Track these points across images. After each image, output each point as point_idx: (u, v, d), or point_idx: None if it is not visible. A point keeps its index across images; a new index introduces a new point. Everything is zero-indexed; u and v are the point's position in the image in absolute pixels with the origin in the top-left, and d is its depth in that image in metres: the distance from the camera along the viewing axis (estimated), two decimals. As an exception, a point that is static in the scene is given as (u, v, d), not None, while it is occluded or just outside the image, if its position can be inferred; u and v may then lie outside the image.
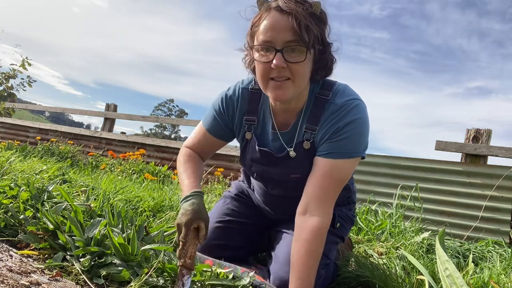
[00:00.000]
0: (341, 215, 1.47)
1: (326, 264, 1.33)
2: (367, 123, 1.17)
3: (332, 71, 1.21)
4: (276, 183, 1.35)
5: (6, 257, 1.18)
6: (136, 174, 3.71)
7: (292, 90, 1.13)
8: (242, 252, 1.50)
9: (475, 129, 3.51)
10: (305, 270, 1.08)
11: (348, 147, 1.15)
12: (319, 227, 1.12)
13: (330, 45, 1.16)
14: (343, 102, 1.17)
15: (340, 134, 1.15)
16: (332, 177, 1.15)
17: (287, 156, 1.25)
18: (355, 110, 1.15)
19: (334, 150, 1.15)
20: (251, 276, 1.20)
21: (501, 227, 3.03)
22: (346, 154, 1.15)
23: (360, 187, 3.60)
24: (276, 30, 1.06)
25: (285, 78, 1.10)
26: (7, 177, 1.92)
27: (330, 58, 1.18)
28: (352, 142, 1.15)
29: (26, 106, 9.17)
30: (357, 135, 1.15)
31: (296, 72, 1.10)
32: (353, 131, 1.14)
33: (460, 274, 0.96)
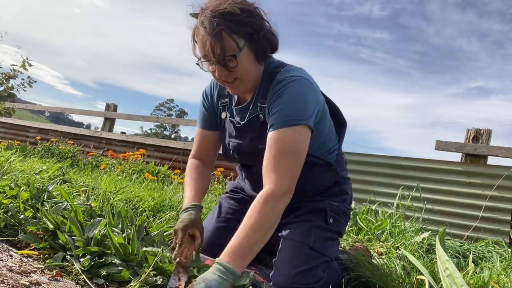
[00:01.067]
0: (333, 209, 1.44)
1: (326, 263, 1.32)
2: (299, 95, 1.25)
3: (276, 46, 1.32)
4: (250, 157, 1.42)
5: (6, 257, 1.18)
6: (136, 174, 3.71)
7: (243, 85, 1.30)
8: None
9: (475, 129, 3.51)
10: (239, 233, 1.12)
11: (286, 116, 1.22)
12: (266, 194, 1.16)
13: (262, 29, 1.25)
14: (283, 78, 1.28)
15: (276, 105, 1.25)
16: (279, 146, 1.21)
17: (248, 126, 1.37)
18: (291, 84, 1.26)
19: (275, 121, 1.24)
20: (251, 276, 1.19)
21: (501, 227, 3.03)
22: (285, 123, 1.22)
23: (360, 187, 3.60)
24: (205, 47, 1.20)
25: (233, 78, 1.26)
26: (7, 177, 1.92)
27: (268, 40, 1.28)
28: (288, 111, 1.23)
29: (26, 106, 9.17)
30: (292, 105, 1.24)
31: (239, 73, 1.25)
32: (287, 101, 1.24)
33: (460, 274, 0.96)
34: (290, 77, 1.27)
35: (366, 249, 1.86)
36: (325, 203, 1.44)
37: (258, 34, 1.24)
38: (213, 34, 1.16)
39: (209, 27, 1.16)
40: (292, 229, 1.37)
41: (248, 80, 1.29)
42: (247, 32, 1.22)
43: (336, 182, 1.49)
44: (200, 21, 1.20)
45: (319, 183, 1.46)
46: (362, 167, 3.68)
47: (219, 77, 1.25)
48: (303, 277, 1.24)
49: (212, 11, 1.17)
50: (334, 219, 1.43)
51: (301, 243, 1.31)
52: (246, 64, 1.25)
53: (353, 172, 3.67)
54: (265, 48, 1.28)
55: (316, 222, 1.38)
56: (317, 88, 1.33)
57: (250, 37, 1.23)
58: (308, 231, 1.34)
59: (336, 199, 1.49)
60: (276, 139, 1.22)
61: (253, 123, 1.36)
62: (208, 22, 1.17)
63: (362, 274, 1.43)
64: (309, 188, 1.44)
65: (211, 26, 1.16)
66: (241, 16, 1.19)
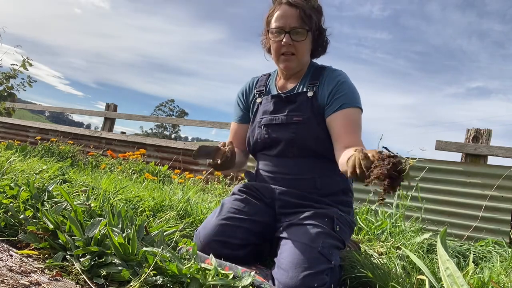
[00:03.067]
0: (340, 218, 1.47)
1: (330, 269, 1.32)
2: (353, 85, 1.56)
3: (326, 50, 1.65)
4: (279, 131, 1.56)
5: (6, 256, 1.18)
6: (136, 174, 3.71)
7: (296, 62, 1.55)
8: (242, 251, 1.49)
9: (475, 129, 3.51)
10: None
11: (353, 98, 1.50)
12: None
13: (325, 30, 1.59)
14: (334, 70, 1.59)
15: (341, 90, 1.50)
16: (353, 120, 1.46)
17: (292, 99, 1.56)
18: (344, 74, 1.56)
19: (343, 102, 1.48)
20: (252, 276, 1.20)
21: (501, 227, 3.02)
22: (352, 103, 1.49)
23: (360, 187, 3.60)
24: (285, 18, 1.49)
25: (291, 53, 1.52)
26: (7, 177, 1.92)
27: (325, 40, 1.61)
28: (351, 95, 1.50)
29: (26, 106, 9.16)
30: (352, 90, 1.52)
31: (299, 49, 1.51)
32: (351, 87, 1.52)
33: (461, 274, 0.96)
34: (340, 71, 1.57)
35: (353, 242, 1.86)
36: (333, 210, 1.47)
37: (320, 31, 1.56)
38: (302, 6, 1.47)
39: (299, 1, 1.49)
40: (300, 231, 1.38)
41: (301, 60, 1.55)
42: (317, 23, 1.53)
43: (343, 191, 1.59)
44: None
45: (330, 180, 1.53)
46: (362, 167, 3.67)
47: (285, 44, 1.49)
48: (311, 280, 1.24)
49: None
50: (340, 228, 1.45)
51: (310, 246, 1.31)
52: (306, 45, 1.52)
53: (353, 172, 3.66)
54: (322, 45, 1.60)
55: (324, 228, 1.39)
56: None
57: (315, 30, 1.53)
58: (317, 235, 1.35)
59: (343, 208, 1.55)
60: (350, 114, 1.47)
61: (298, 96, 1.55)
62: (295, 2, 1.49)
63: (363, 274, 1.43)
64: (320, 182, 1.52)
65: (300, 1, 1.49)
66: (319, 9, 1.55)
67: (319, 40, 1.57)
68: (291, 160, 1.54)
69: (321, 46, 1.61)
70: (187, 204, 2.10)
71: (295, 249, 1.32)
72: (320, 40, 1.58)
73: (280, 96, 1.59)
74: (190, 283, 1.12)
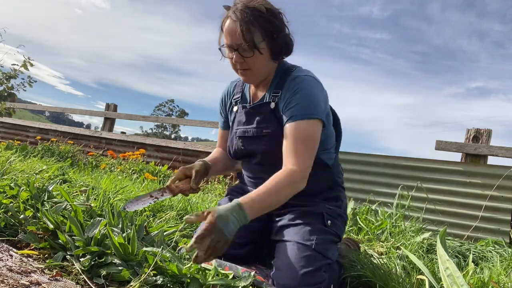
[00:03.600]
0: (329, 212, 1.46)
1: (328, 265, 1.32)
2: (314, 92, 1.42)
3: (291, 49, 1.49)
4: (253, 143, 1.53)
5: (6, 256, 1.18)
6: (136, 174, 3.71)
7: (254, 75, 1.46)
8: (242, 250, 1.49)
9: (475, 129, 3.51)
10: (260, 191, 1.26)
11: (304, 109, 1.38)
12: (287, 170, 1.32)
13: (282, 33, 1.42)
14: (297, 75, 1.45)
15: (295, 99, 1.40)
16: (299, 136, 1.36)
17: (257, 110, 1.51)
18: (304, 81, 1.42)
19: (294, 114, 1.38)
20: (252, 276, 1.20)
21: (501, 227, 3.02)
22: (304, 115, 1.37)
23: (360, 187, 3.60)
24: (230, 35, 1.39)
25: (246, 68, 1.43)
26: (7, 177, 1.92)
27: (285, 41, 1.44)
28: (306, 105, 1.39)
29: (26, 106, 9.16)
30: (309, 100, 1.40)
31: (252, 64, 1.41)
32: (305, 96, 1.39)
33: (461, 274, 0.96)
34: (305, 76, 1.43)
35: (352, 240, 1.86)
36: (321, 206, 1.47)
37: (278, 34, 1.40)
38: (242, 21, 1.34)
39: (239, 16, 1.35)
40: (293, 232, 1.38)
41: (258, 73, 1.45)
42: (268, 29, 1.38)
43: (330, 187, 1.56)
44: (231, 10, 1.38)
45: (315, 182, 1.47)
46: (362, 167, 3.68)
47: (235, 63, 1.41)
48: (308, 279, 1.24)
49: (243, 5, 1.36)
50: (332, 222, 1.45)
51: (304, 245, 1.31)
52: (260, 57, 1.40)
53: (353, 172, 3.67)
54: (281, 48, 1.44)
55: (315, 225, 1.39)
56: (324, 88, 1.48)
57: (269, 35, 1.39)
58: (309, 233, 1.35)
59: (331, 203, 1.52)
60: (298, 128, 1.36)
61: (262, 108, 1.49)
62: (239, 12, 1.35)
63: (363, 273, 1.43)
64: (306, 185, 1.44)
65: (241, 15, 1.35)
66: (266, 14, 1.37)
67: (276, 44, 1.42)
68: (271, 167, 1.43)
69: (281, 50, 1.45)
70: (187, 204, 2.10)
71: (289, 249, 1.32)
72: (278, 45, 1.42)
73: (248, 107, 1.54)
74: (190, 283, 1.12)
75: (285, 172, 1.31)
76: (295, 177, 1.31)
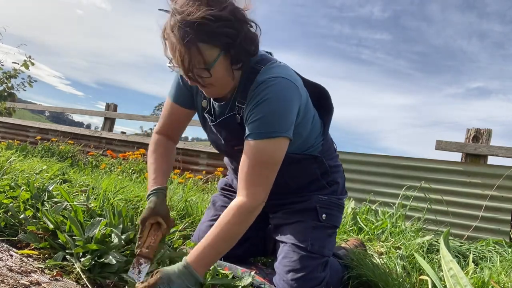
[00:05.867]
0: (323, 205, 1.39)
1: (323, 265, 1.31)
2: (282, 101, 1.16)
3: (256, 49, 1.20)
4: (228, 155, 1.40)
5: (6, 256, 1.17)
6: (136, 174, 3.70)
7: (217, 91, 1.22)
8: (239, 250, 1.48)
9: (475, 129, 3.50)
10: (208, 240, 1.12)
11: (266, 127, 1.15)
12: (239, 207, 1.14)
13: (238, 36, 1.11)
14: (262, 79, 1.18)
15: (254, 114, 1.16)
16: (256, 159, 1.15)
17: (222, 126, 1.30)
18: (270, 88, 1.15)
19: (252, 131, 1.16)
20: (252, 276, 1.20)
21: (501, 226, 3.02)
22: (263, 134, 1.15)
23: (360, 187, 3.60)
24: (175, 55, 1.09)
25: (206, 86, 1.17)
26: (7, 177, 1.92)
27: (244, 47, 1.14)
28: (268, 122, 1.15)
29: (26, 105, 9.16)
30: (272, 115, 1.15)
31: (211, 81, 1.15)
32: (266, 111, 1.15)
33: (464, 274, 0.96)
34: (270, 79, 1.17)
35: (362, 243, 1.86)
36: (313, 200, 1.39)
37: (234, 42, 1.11)
38: (183, 44, 1.05)
39: (179, 35, 1.05)
40: (288, 232, 1.36)
41: (222, 86, 1.21)
42: (221, 41, 1.10)
43: (323, 173, 1.42)
44: (170, 25, 1.07)
45: (304, 176, 1.41)
46: (362, 167, 3.68)
47: (191, 84, 1.18)
48: (305, 282, 1.24)
49: (182, 19, 1.04)
50: (327, 214, 1.38)
51: (298, 247, 1.30)
52: (220, 73, 1.15)
53: (353, 172, 3.66)
54: (241, 56, 1.16)
55: (310, 222, 1.36)
56: (300, 86, 1.24)
57: (225, 46, 1.11)
58: (304, 233, 1.33)
59: (325, 191, 1.42)
60: (255, 150, 1.15)
61: (228, 123, 1.28)
62: (178, 30, 1.05)
63: (363, 273, 1.43)
64: (292, 181, 1.39)
65: (181, 35, 1.04)
66: (214, 25, 1.06)
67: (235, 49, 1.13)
68: None
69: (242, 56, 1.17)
70: (187, 204, 2.10)
71: (285, 252, 1.31)
72: (237, 49, 1.13)
73: (212, 124, 1.34)
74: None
75: (233, 208, 1.15)
76: (245, 211, 1.15)
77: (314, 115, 1.37)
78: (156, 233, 1.21)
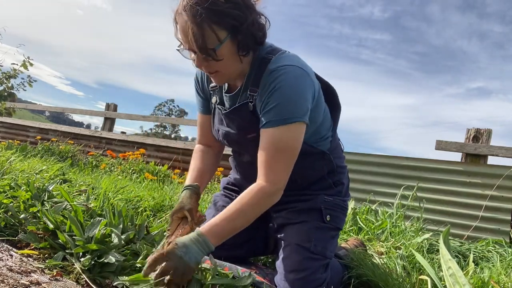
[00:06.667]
0: (328, 206, 1.39)
1: (325, 266, 1.31)
2: (295, 88, 1.19)
3: (261, 39, 1.24)
4: (240, 146, 1.40)
5: (6, 256, 1.17)
6: (136, 174, 3.71)
7: (225, 77, 1.25)
8: (240, 251, 1.48)
9: (475, 129, 3.50)
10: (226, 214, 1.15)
11: (282, 113, 1.18)
12: (258, 189, 1.18)
13: (246, 21, 1.15)
14: (274, 68, 1.21)
15: (269, 103, 1.19)
16: (276, 145, 1.19)
17: (236, 114, 1.32)
18: (284, 75, 1.18)
19: (270, 119, 1.19)
20: (252, 276, 1.19)
21: (501, 226, 3.02)
22: (282, 121, 1.18)
23: (360, 187, 3.60)
24: (185, 37, 1.15)
25: (213, 71, 1.22)
26: (7, 177, 1.92)
27: (251, 31, 1.18)
28: (284, 108, 1.18)
29: (26, 105, 9.16)
30: (287, 101, 1.18)
31: (219, 66, 1.19)
32: (282, 97, 1.18)
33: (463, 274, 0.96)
34: (282, 67, 1.19)
35: (362, 242, 1.86)
36: (319, 200, 1.39)
37: (242, 25, 1.15)
38: (195, 22, 1.10)
39: (191, 14, 1.10)
40: (291, 232, 1.36)
41: (230, 73, 1.24)
42: (230, 23, 1.14)
43: (329, 172, 1.43)
44: (182, 5, 1.13)
45: (311, 173, 1.41)
46: (362, 167, 3.68)
47: (199, 67, 1.21)
48: (307, 283, 1.24)
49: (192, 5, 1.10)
50: (331, 216, 1.38)
51: (301, 247, 1.30)
52: (227, 57, 1.18)
53: (353, 172, 3.66)
54: (248, 41, 1.20)
55: (314, 223, 1.36)
56: (311, 74, 1.27)
57: (233, 29, 1.15)
58: (307, 234, 1.33)
59: (331, 191, 1.43)
60: (273, 137, 1.19)
61: (241, 111, 1.30)
62: (190, 9, 1.10)
63: (363, 273, 1.43)
64: (300, 177, 1.38)
65: (193, 13, 1.10)
66: (224, 6, 1.11)
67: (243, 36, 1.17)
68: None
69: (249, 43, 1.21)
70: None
71: (288, 252, 1.31)
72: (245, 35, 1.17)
73: (224, 112, 1.36)
74: (191, 283, 1.12)
75: (254, 190, 1.18)
76: (264, 195, 1.18)
77: (325, 108, 1.39)
78: (184, 227, 1.28)
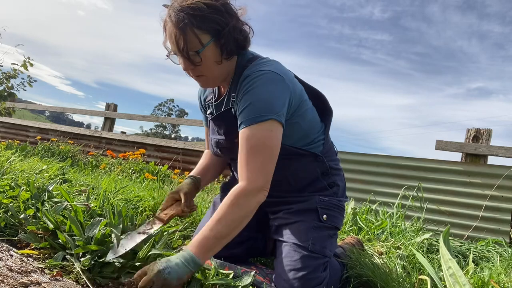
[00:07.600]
0: (324, 205, 1.40)
1: (324, 265, 1.31)
2: (267, 88, 1.22)
3: (243, 43, 1.31)
4: (231, 152, 1.42)
5: (6, 256, 1.18)
6: (136, 174, 3.70)
7: (209, 81, 1.33)
8: (239, 250, 1.48)
9: (475, 129, 3.50)
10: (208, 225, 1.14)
11: (253, 112, 1.21)
12: (238, 191, 1.18)
13: (228, 25, 1.23)
14: (250, 72, 1.26)
15: (243, 102, 1.24)
16: (249, 144, 1.21)
17: (221, 120, 1.39)
18: (258, 78, 1.23)
19: (243, 119, 1.23)
20: (252, 275, 1.20)
21: (501, 226, 3.02)
22: (253, 119, 1.21)
23: (360, 187, 3.60)
24: (171, 42, 1.23)
25: (198, 75, 1.29)
26: (7, 177, 1.92)
27: (233, 36, 1.25)
28: (255, 107, 1.21)
29: (26, 105, 9.16)
30: (258, 101, 1.22)
31: (203, 70, 1.27)
32: (254, 97, 1.22)
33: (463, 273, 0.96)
34: (257, 72, 1.24)
35: (358, 240, 1.86)
36: (314, 200, 1.40)
37: (223, 29, 1.22)
38: (178, 27, 1.18)
39: (175, 20, 1.19)
40: (289, 232, 1.37)
41: (214, 77, 1.31)
42: (212, 28, 1.21)
43: (323, 174, 1.44)
44: (168, 13, 1.21)
45: (304, 174, 1.42)
46: (362, 167, 3.68)
47: (186, 71, 1.28)
48: (306, 282, 1.24)
49: (179, 5, 1.19)
50: (328, 215, 1.39)
51: (300, 246, 1.31)
52: (210, 60, 1.25)
53: (353, 172, 3.67)
54: (231, 45, 1.26)
55: (311, 222, 1.36)
56: (289, 79, 1.29)
57: (216, 34, 1.22)
58: (305, 233, 1.33)
59: (326, 193, 1.44)
60: (246, 136, 1.21)
61: (225, 117, 1.36)
62: (174, 15, 1.19)
63: (363, 273, 1.43)
64: (293, 179, 1.41)
65: (176, 19, 1.18)
66: (207, 11, 1.19)
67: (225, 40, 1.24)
68: None
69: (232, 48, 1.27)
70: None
71: (286, 251, 1.32)
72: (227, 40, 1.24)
73: (211, 119, 1.45)
74: (191, 283, 1.12)
75: (232, 192, 1.19)
76: (241, 195, 1.18)
77: (313, 112, 1.42)
78: (176, 207, 1.40)
